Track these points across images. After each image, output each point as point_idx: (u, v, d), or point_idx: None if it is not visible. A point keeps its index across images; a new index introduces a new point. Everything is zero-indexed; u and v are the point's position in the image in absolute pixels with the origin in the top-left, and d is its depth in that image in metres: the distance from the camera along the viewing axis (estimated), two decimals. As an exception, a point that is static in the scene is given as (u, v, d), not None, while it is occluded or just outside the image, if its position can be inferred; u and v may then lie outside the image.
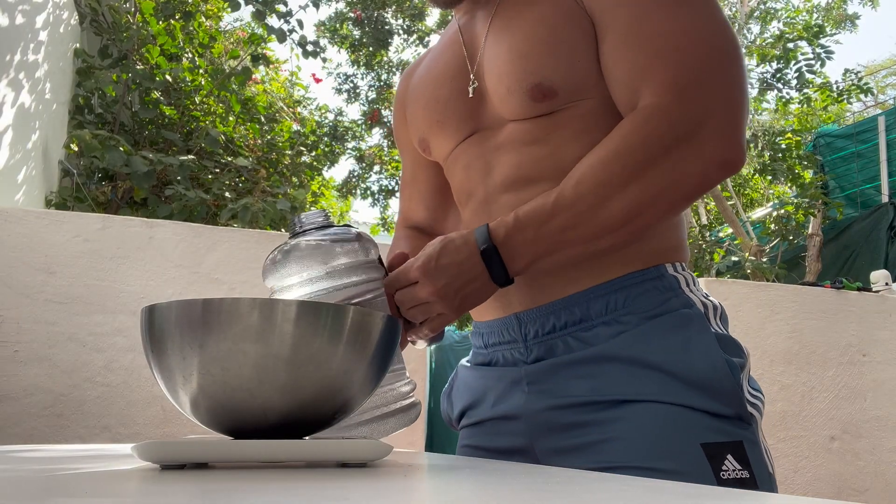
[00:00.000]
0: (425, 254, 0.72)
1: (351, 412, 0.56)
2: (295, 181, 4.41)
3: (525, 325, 0.81)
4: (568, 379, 0.76)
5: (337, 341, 0.51)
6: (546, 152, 0.78)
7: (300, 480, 0.39)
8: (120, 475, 0.42)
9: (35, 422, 1.66)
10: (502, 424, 0.82)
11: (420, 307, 0.72)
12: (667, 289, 0.76)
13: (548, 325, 0.78)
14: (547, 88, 0.75)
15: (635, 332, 0.74)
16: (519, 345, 0.81)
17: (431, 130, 0.90)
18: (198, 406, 0.50)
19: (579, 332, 0.77)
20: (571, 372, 0.76)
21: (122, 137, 3.17)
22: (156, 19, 3.61)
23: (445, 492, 0.37)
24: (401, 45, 8.66)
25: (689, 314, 0.74)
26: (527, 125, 0.79)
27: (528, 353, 0.80)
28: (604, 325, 0.75)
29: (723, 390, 0.70)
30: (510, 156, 0.81)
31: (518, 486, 0.40)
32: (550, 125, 0.78)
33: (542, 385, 0.78)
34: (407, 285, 0.72)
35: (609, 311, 0.75)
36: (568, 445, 0.75)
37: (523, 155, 0.80)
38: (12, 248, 1.72)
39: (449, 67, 0.88)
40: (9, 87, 2.47)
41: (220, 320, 0.48)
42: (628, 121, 0.70)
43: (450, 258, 0.71)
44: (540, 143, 0.79)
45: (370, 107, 8.62)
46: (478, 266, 0.71)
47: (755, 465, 0.69)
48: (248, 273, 1.89)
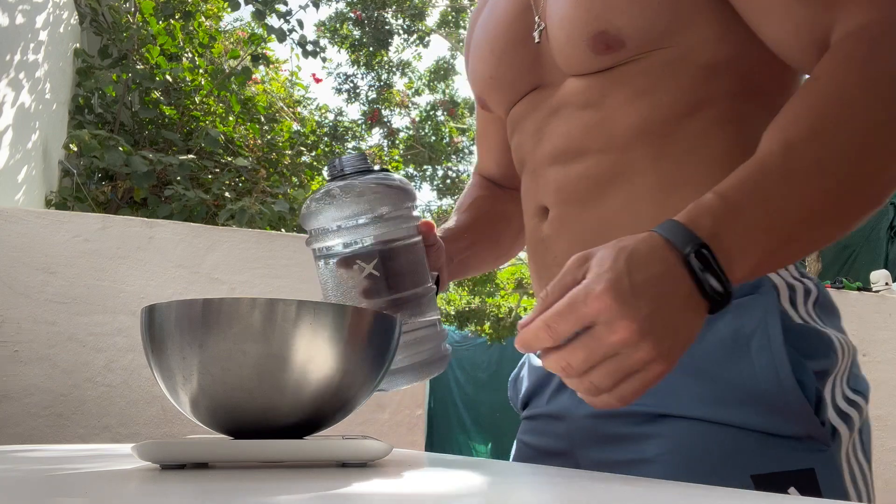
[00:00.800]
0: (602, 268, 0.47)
1: (351, 412, 0.56)
2: (295, 181, 4.41)
3: None
4: None
5: (337, 341, 0.51)
6: (597, 119, 0.65)
7: (300, 480, 0.39)
8: (120, 475, 0.42)
9: (35, 422, 1.66)
10: (550, 424, 0.72)
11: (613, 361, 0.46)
12: None
13: None
14: (612, 38, 0.61)
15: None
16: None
17: (486, 87, 0.79)
18: (198, 406, 0.50)
19: None
20: None
21: (122, 137, 3.17)
22: (156, 19, 3.61)
23: (445, 492, 0.37)
24: (401, 45, 8.66)
25: (752, 300, 0.59)
26: (584, 83, 0.66)
27: None
28: None
29: (788, 407, 0.56)
30: (561, 121, 0.68)
31: (518, 485, 0.40)
32: (608, 84, 0.65)
33: None
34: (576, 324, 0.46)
35: None
36: (607, 459, 0.64)
37: (574, 121, 0.67)
38: (12, 248, 1.72)
39: (509, 11, 0.74)
40: (9, 87, 2.47)
41: (220, 320, 0.48)
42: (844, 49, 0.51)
43: (644, 272, 0.47)
44: (593, 106, 0.66)
45: (370, 107, 8.62)
46: (683, 281, 0.47)
47: (830, 492, 0.56)
48: (248, 273, 1.89)
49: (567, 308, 0.46)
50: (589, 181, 0.66)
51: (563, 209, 0.69)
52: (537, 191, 0.72)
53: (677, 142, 0.63)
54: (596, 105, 0.65)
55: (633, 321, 0.45)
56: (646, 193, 0.64)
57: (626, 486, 0.40)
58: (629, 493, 0.37)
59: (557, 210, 0.69)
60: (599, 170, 0.66)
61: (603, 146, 0.65)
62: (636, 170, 0.64)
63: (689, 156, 0.63)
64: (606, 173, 0.65)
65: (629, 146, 0.64)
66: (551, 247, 0.70)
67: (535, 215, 0.73)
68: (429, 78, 8.93)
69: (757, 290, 0.59)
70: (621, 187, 0.65)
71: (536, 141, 0.72)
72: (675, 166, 0.63)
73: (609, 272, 0.47)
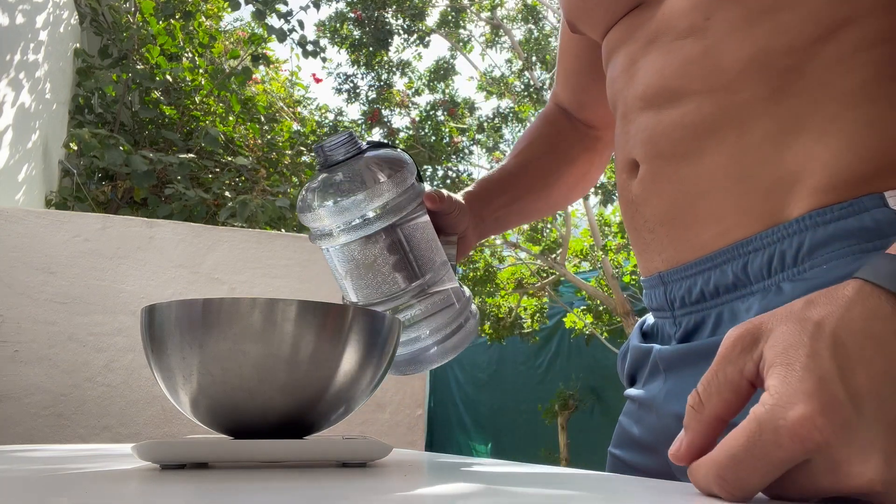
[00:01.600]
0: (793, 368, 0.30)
1: (351, 412, 0.56)
2: (295, 181, 4.41)
3: (670, 289, 0.58)
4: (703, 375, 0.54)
5: (337, 341, 0.51)
6: (698, 50, 0.53)
7: (300, 480, 0.39)
8: (120, 475, 0.42)
9: (35, 422, 1.66)
10: (643, 411, 0.62)
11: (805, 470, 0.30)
12: (871, 234, 0.45)
13: (695, 291, 0.55)
14: None
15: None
16: (668, 315, 0.59)
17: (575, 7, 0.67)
18: (198, 406, 0.50)
19: (735, 301, 0.52)
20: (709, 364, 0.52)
21: (122, 137, 3.17)
22: (156, 19, 3.61)
23: (445, 492, 0.37)
24: (401, 44, 8.66)
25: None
26: (684, 3, 0.54)
27: (676, 326, 0.58)
28: (761, 293, 0.50)
29: None
30: (658, 54, 0.56)
31: (517, 485, 0.40)
32: (715, 2, 0.52)
33: (677, 377, 0.56)
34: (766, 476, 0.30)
35: (773, 273, 0.49)
36: None
37: (672, 53, 0.55)
38: (12, 248, 1.72)
39: None
40: (9, 87, 2.47)
41: (220, 320, 0.48)
42: None
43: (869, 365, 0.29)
44: (695, 33, 0.53)
45: (370, 107, 8.62)
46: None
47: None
48: (248, 273, 1.89)
49: (748, 455, 0.29)
50: (686, 130, 0.54)
51: (654, 164, 0.57)
52: (627, 141, 0.60)
53: (804, 75, 0.49)
54: (699, 32, 0.53)
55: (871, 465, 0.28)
56: (759, 145, 0.50)
57: (626, 486, 0.40)
58: (629, 492, 0.37)
59: (648, 165, 0.58)
60: (700, 116, 0.53)
61: (705, 86, 0.52)
62: (747, 115, 0.51)
63: (819, 91, 0.49)
64: (708, 120, 0.52)
65: (739, 85, 0.51)
66: (641, 209, 0.59)
67: (625, 170, 0.62)
68: (429, 78, 8.93)
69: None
70: (726, 138, 0.51)
71: (628, 78, 0.60)
72: (799, 107, 0.49)
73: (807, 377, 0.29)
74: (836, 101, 0.48)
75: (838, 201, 0.46)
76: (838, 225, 0.46)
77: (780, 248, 0.48)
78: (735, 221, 0.51)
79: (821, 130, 0.48)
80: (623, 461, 0.65)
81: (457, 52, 8.91)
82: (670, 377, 0.57)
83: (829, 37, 0.49)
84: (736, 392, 0.32)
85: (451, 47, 8.86)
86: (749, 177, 0.50)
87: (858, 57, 0.48)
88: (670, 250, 0.57)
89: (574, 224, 7.86)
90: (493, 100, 8.96)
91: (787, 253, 0.48)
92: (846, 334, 0.30)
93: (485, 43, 8.85)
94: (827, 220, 0.46)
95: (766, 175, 0.49)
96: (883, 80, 0.48)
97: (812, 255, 0.47)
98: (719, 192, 0.51)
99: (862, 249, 0.45)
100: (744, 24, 0.50)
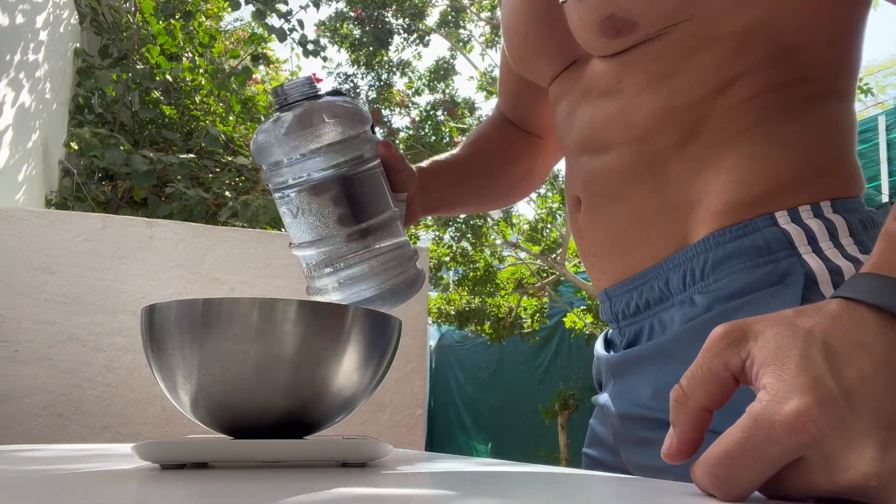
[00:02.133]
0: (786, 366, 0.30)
1: (351, 412, 0.56)
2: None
3: (614, 303, 0.65)
4: (638, 378, 0.59)
5: (337, 341, 0.51)
6: (615, 107, 0.61)
7: (300, 480, 0.39)
8: (120, 475, 0.42)
9: (35, 422, 1.66)
10: (603, 414, 0.68)
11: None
12: (765, 251, 0.51)
13: (632, 304, 0.62)
14: (622, 21, 0.56)
15: (701, 322, 0.53)
16: (615, 326, 0.66)
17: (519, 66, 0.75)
18: (198, 406, 0.50)
19: (661, 312, 0.59)
20: (641, 369, 0.59)
21: (122, 137, 3.17)
22: (156, 19, 3.61)
23: (445, 492, 0.37)
24: (401, 44, 8.66)
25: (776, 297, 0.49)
26: (603, 67, 0.62)
27: (622, 336, 0.65)
28: (679, 306, 0.57)
29: None
30: (587, 108, 0.64)
31: (517, 485, 0.40)
32: (624, 69, 0.60)
33: (622, 382, 0.63)
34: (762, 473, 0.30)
35: (687, 286, 0.56)
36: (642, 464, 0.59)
37: (597, 109, 0.63)
38: (12, 248, 1.72)
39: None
40: (9, 87, 2.47)
41: (220, 320, 0.48)
42: None
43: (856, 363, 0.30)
44: (612, 94, 0.61)
45: (370, 107, 8.62)
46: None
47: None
48: (248, 273, 1.89)
49: (743, 451, 0.29)
50: (613, 174, 0.62)
51: (592, 201, 0.65)
52: (572, 180, 0.68)
53: (704, 124, 0.57)
54: (614, 91, 0.61)
55: (865, 457, 0.28)
56: (671, 183, 0.58)
57: (625, 486, 0.40)
58: (628, 492, 0.37)
59: (587, 202, 0.66)
60: (622, 162, 0.61)
61: (623, 137, 0.60)
62: (660, 160, 0.59)
63: (714, 136, 0.57)
64: (628, 165, 0.61)
65: (650, 136, 0.59)
66: (585, 237, 0.68)
67: (571, 204, 0.70)
68: (429, 78, 8.93)
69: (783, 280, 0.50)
70: (644, 179, 0.60)
71: (569, 127, 0.68)
72: (703, 150, 0.57)
73: (801, 374, 0.30)
74: (727, 142, 0.57)
75: (735, 223, 0.54)
76: (735, 244, 0.54)
77: (691, 265, 0.56)
78: (658, 245, 0.59)
79: (717, 167, 0.56)
80: (594, 459, 0.71)
81: (457, 52, 8.91)
82: (617, 382, 0.64)
83: (718, 93, 0.56)
84: (720, 384, 0.33)
85: (451, 47, 8.86)
86: (666, 208, 0.59)
87: (743, 106, 0.56)
88: (610, 271, 0.65)
89: (574, 224, 7.83)
90: (494, 99, 8.96)
91: (696, 269, 0.56)
92: (835, 340, 0.31)
93: (485, 43, 8.85)
94: (725, 240, 0.54)
95: (679, 206, 0.58)
96: (763, 122, 0.56)
97: (715, 270, 0.54)
98: (644, 223, 0.60)
99: (754, 264, 0.52)
100: (648, 87, 0.58)
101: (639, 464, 0.60)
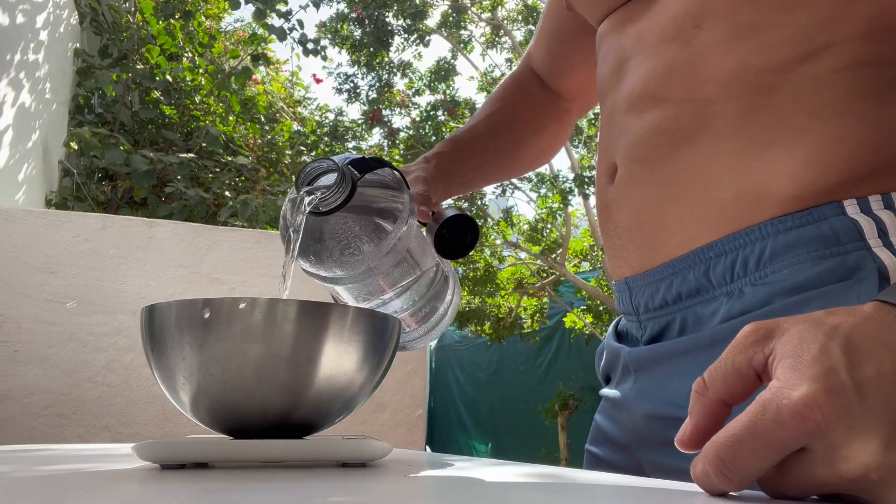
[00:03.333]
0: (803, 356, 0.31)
1: (351, 412, 0.56)
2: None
3: (635, 294, 0.60)
4: (672, 375, 0.54)
5: (337, 341, 0.51)
6: (684, 57, 0.53)
7: (300, 480, 0.39)
8: (120, 475, 0.42)
9: (35, 422, 1.66)
10: (615, 410, 0.64)
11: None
12: (830, 242, 0.47)
13: (658, 297, 0.57)
14: None
15: (762, 313, 0.49)
16: (633, 318, 0.61)
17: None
18: (198, 406, 0.50)
19: (698, 305, 0.54)
20: (677, 365, 0.54)
21: (122, 137, 3.17)
22: (156, 19, 3.61)
23: (445, 492, 0.37)
24: (401, 44, 8.66)
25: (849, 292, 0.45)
26: (679, 4, 0.55)
27: (642, 330, 0.60)
28: (726, 297, 0.52)
29: None
30: (645, 56, 0.57)
31: (517, 485, 0.40)
32: (706, 11, 0.53)
33: (646, 380, 0.58)
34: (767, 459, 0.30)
35: (735, 277, 0.51)
36: (668, 466, 0.54)
37: (657, 58, 0.55)
38: (12, 248, 1.72)
39: None
40: (9, 87, 2.47)
41: (220, 320, 0.48)
42: None
43: (874, 362, 0.30)
44: (683, 39, 0.54)
45: (370, 107, 8.62)
46: None
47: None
48: (248, 273, 1.89)
49: (748, 434, 0.29)
50: (663, 136, 0.55)
51: (630, 168, 0.58)
52: (610, 143, 0.60)
53: (780, 93, 0.51)
54: (686, 39, 0.53)
55: (868, 449, 0.28)
56: (729, 155, 0.52)
57: (625, 486, 0.40)
58: (628, 492, 0.37)
59: (625, 168, 0.59)
60: (678, 123, 0.54)
61: (685, 95, 0.54)
62: (722, 127, 0.52)
63: (792, 106, 0.50)
64: (685, 128, 0.54)
65: (717, 97, 0.52)
66: (613, 214, 0.61)
67: (605, 174, 0.62)
68: (429, 78, 8.93)
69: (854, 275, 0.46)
70: (699, 146, 0.53)
71: (617, 79, 0.60)
72: (771, 121, 0.51)
73: (815, 364, 0.30)
74: (807, 115, 0.50)
75: (799, 209, 0.49)
76: (798, 232, 0.48)
77: (743, 253, 0.50)
78: (699, 229, 0.53)
79: (790, 143, 0.50)
80: (599, 458, 0.66)
81: (457, 53, 8.91)
82: (640, 378, 0.59)
83: (807, 58, 0.50)
84: (742, 379, 0.33)
85: (452, 48, 8.86)
86: (717, 185, 0.52)
87: (833, 77, 0.50)
88: (635, 257, 0.59)
89: (574, 224, 7.86)
90: (494, 100, 8.93)
91: (749, 258, 0.50)
92: (859, 338, 0.31)
93: (485, 43, 8.85)
94: (788, 227, 0.49)
95: (734, 184, 0.51)
96: (854, 98, 0.49)
97: (773, 260, 0.49)
98: (687, 199, 0.53)
99: (819, 256, 0.47)
100: (729, 38, 0.51)
101: (662, 465, 0.56)
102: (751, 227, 0.50)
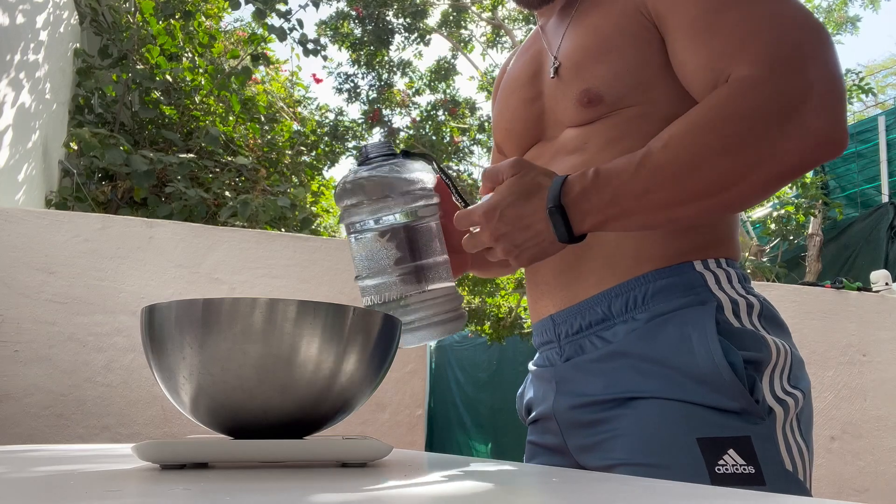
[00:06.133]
0: (496, 197, 0.70)
1: (351, 412, 0.56)
2: (295, 181, 4.41)
3: (558, 326, 0.84)
4: (586, 377, 0.78)
5: (337, 341, 0.51)
6: (581, 161, 0.80)
7: (300, 480, 0.39)
8: (120, 475, 0.42)
9: (35, 422, 1.66)
10: (547, 423, 0.85)
11: (487, 251, 0.72)
12: (687, 287, 0.75)
13: (575, 326, 0.81)
14: (594, 94, 0.79)
15: (645, 328, 0.74)
16: (555, 345, 0.84)
17: (503, 137, 0.95)
18: (198, 406, 0.50)
19: (602, 331, 0.78)
20: (589, 370, 0.78)
21: (122, 137, 3.17)
22: (156, 19, 3.61)
23: (445, 492, 0.37)
24: (402, 43, 8.66)
25: (698, 311, 0.73)
26: (574, 133, 0.83)
27: (561, 353, 0.83)
28: (622, 324, 0.77)
29: (724, 385, 0.69)
30: (556, 165, 0.83)
31: (517, 485, 0.40)
32: (590, 133, 0.81)
33: (567, 385, 0.81)
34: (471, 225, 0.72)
35: (628, 310, 0.77)
36: (589, 443, 0.77)
37: (565, 164, 0.82)
38: (12, 248, 1.72)
39: (522, 73, 0.92)
40: (9, 87, 2.47)
41: (220, 320, 0.48)
42: (723, 91, 0.66)
43: (517, 209, 0.68)
44: (579, 151, 0.81)
45: (371, 106, 8.62)
46: (541, 222, 0.68)
47: (764, 461, 0.67)
48: (248, 273, 1.89)
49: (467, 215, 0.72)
50: None
51: None
52: None
53: None
54: (581, 150, 0.81)
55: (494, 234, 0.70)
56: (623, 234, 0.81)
57: (624, 486, 0.40)
58: (627, 492, 0.37)
59: None
60: None
61: None
62: None
63: None
64: None
65: None
66: (540, 268, 0.86)
67: None
68: (430, 78, 8.93)
69: (702, 304, 0.73)
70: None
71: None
72: None
73: (495, 197, 0.70)
74: None
75: (667, 265, 0.77)
76: (667, 280, 0.76)
77: (634, 293, 0.77)
78: (604, 277, 0.79)
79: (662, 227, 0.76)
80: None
81: (458, 52, 8.91)
82: (560, 386, 0.82)
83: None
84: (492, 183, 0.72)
85: (452, 47, 8.86)
86: (615, 251, 0.79)
87: None
88: (559, 297, 0.84)
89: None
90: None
91: (637, 297, 0.77)
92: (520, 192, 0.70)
93: (486, 43, 8.85)
94: (661, 276, 0.76)
95: (627, 248, 0.78)
96: None
97: (653, 298, 0.76)
98: (595, 259, 0.80)
99: (681, 294, 0.75)
100: (606, 146, 0.79)
101: (583, 444, 0.78)
102: (637, 276, 0.77)
